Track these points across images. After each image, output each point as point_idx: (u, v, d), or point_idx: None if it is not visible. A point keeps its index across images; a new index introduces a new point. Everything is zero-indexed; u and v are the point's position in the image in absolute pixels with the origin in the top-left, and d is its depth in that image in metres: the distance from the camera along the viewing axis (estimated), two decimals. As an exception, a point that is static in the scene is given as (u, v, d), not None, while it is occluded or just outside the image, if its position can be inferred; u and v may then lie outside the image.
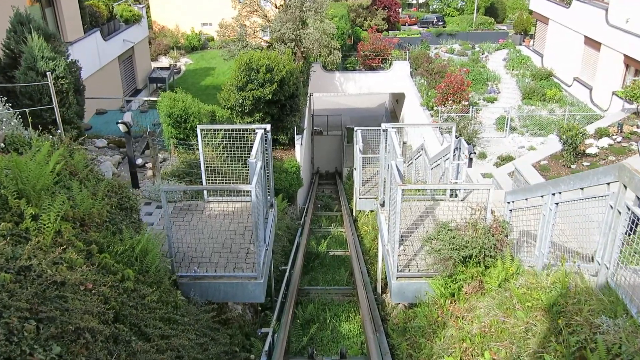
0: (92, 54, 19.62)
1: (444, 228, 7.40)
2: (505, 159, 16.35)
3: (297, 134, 19.70)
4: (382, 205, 9.87)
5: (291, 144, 20.15)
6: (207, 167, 9.96)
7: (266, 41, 23.28)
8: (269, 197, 9.91)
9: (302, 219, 18.04)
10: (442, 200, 9.99)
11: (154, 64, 28.76)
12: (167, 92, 12.51)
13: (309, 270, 12.88)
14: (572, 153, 12.98)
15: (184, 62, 31.70)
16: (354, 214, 19.81)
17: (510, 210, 7.52)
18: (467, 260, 6.97)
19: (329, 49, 21.15)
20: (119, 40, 22.31)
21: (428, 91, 24.60)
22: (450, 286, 7.07)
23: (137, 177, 10.48)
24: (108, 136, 13.79)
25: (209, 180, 9.93)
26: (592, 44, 23.84)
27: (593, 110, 22.94)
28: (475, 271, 6.84)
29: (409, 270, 7.97)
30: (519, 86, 26.81)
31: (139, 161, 12.20)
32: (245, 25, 22.52)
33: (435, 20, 46.59)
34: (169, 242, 7.67)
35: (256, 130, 9.16)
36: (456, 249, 6.91)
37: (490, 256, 6.87)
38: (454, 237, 7.05)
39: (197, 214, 9.77)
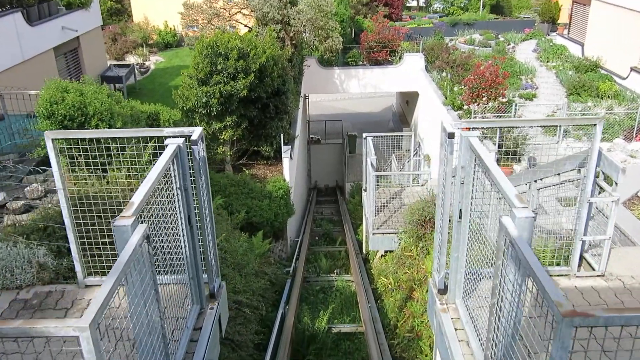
0: (7, 42, 14.58)
1: None
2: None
3: (286, 144, 14.63)
4: (443, 291, 4.74)
5: (278, 158, 15.08)
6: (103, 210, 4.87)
7: (246, 26, 18.27)
8: (209, 275, 4.79)
9: (294, 262, 12.91)
10: (564, 275, 4.86)
11: (118, 63, 23.74)
12: (52, 80, 7.50)
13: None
14: None
15: (154, 61, 26.69)
16: (363, 250, 14.73)
17: None
18: None
19: (326, 32, 16.12)
20: (56, 27, 17.29)
21: (452, 87, 19.56)
22: None
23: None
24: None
25: (85, 241, 4.84)
26: (658, 23, 18.87)
27: (664, 107, 17.94)
28: None
29: None
30: (561, 80, 21.83)
31: None
32: (218, 6, 17.52)
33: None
34: None
35: (166, 141, 4.08)
36: None
37: None
38: None
39: (62, 315, 4.65)
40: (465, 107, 17.64)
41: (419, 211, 10.18)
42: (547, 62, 24.37)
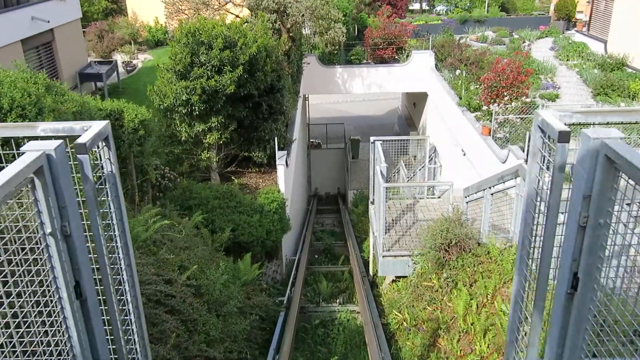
0: (-38, 31, 12.74)
1: None
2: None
3: (281, 149, 12.71)
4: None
5: (272, 165, 13.17)
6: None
7: (237, 16, 16.39)
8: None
9: (289, 289, 10.96)
10: None
11: (100, 60, 21.87)
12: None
13: None
14: None
15: (143, 59, 24.84)
16: (369, 270, 12.80)
17: None
18: None
19: (328, 22, 14.23)
20: (24, 17, 15.43)
21: (468, 86, 17.66)
22: None
23: None
24: None
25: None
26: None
27: None
28: None
29: None
30: (585, 79, 19.94)
31: None
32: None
33: (442, 21, 41.50)
34: None
35: (24, 146, 2.15)
36: None
37: None
38: None
39: None
40: (484, 107, 15.72)
41: (442, 233, 8.24)
42: (567, 60, 22.49)
